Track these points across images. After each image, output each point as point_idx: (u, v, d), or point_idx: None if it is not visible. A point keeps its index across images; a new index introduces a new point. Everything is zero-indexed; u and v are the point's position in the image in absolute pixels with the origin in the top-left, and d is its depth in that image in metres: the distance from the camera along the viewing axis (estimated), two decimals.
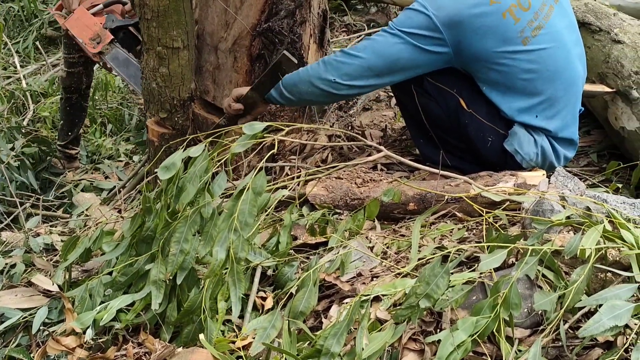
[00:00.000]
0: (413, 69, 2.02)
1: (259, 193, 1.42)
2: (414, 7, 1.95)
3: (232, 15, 2.36)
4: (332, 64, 2.03)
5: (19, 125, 4.09)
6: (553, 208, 1.51)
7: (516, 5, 1.90)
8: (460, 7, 1.89)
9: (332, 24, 5.52)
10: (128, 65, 3.07)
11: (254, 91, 2.17)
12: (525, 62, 1.96)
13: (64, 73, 3.64)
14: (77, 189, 3.52)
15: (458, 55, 1.95)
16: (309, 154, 2.55)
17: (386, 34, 1.98)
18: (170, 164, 1.57)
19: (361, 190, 2.02)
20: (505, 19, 1.90)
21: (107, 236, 1.81)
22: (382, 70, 2.00)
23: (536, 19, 1.94)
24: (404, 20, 1.96)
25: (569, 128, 2.13)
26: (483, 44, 1.92)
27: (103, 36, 3.05)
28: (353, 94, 2.20)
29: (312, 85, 2.06)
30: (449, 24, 1.89)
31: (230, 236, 1.42)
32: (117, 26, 3.08)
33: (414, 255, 1.61)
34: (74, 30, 3.16)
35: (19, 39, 5.62)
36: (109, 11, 3.18)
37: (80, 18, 3.13)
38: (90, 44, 3.08)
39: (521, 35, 1.93)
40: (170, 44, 2.36)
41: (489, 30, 1.90)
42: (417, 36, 1.93)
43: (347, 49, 2.04)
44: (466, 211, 1.88)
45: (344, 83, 2.02)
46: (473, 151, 2.14)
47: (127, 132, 4.48)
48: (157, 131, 2.58)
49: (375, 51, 1.98)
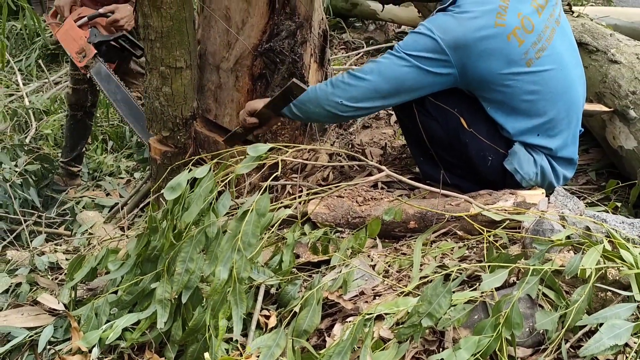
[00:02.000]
0: (418, 91, 2.04)
1: (262, 214, 1.45)
2: (419, 30, 1.98)
3: (234, 36, 2.39)
4: (339, 86, 2.06)
5: (22, 143, 4.12)
6: (553, 227, 1.53)
7: (520, 28, 1.93)
8: (465, 31, 1.91)
9: (331, 42, 5.56)
10: (109, 81, 3.10)
11: (267, 109, 2.21)
12: (529, 84, 1.99)
13: (69, 90, 3.68)
14: (78, 206, 3.54)
15: (463, 76, 1.98)
16: (310, 172, 2.57)
17: (392, 57, 2.00)
18: (176, 185, 1.59)
19: (362, 208, 2.04)
20: (509, 41, 1.92)
21: (111, 255, 1.83)
22: (388, 92, 2.03)
23: (539, 41, 1.97)
24: (410, 43, 1.99)
25: (569, 148, 2.16)
26: (488, 66, 1.94)
27: (87, 50, 3.08)
28: (359, 115, 2.24)
29: (320, 106, 2.10)
30: (455, 46, 1.92)
31: (233, 256, 1.44)
32: (99, 41, 3.12)
33: (416, 274, 1.63)
34: (64, 43, 3.21)
35: (22, 57, 5.67)
36: (94, 24, 3.21)
37: (69, 30, 3.17)
38: (77, 57, 3.12)
39: (525, 57, 1.96)
40: (173, 64, 2.39)
41: (493, 53, 1.93)
42: (423, 59, 1.95)
43: (353, 72, 2.07)
44: (467, 229, 1.90)
45: (351, 105, 2.06)
46: (473, 170, 2.16)
47: (128, 149, 4.51)
48: (159, 149, 2.61)
49: (382, 74, 2.01)
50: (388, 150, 2.80)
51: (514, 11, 1.94)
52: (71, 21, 3.18)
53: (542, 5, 2.02)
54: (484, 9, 1.92)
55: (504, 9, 1.92)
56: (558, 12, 2.10)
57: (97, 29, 3.17)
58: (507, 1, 1.94)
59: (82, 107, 3.72)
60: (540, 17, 1.99)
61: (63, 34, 3.19)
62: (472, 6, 1.93)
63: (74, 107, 3.73)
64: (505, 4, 1.93)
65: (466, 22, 1.92)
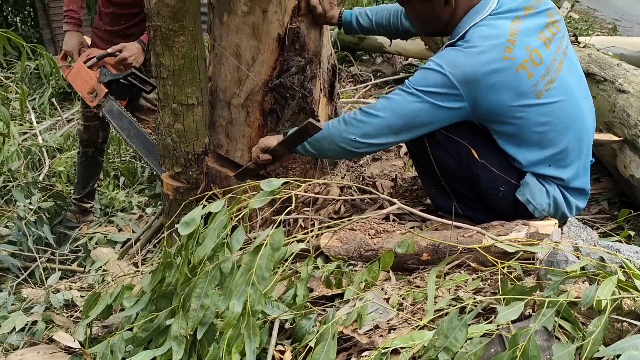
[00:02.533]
0: (431, 125, 2.06)
1: (276, 249, 1.46)
2: (429, 66, 2.00)
3: (245, 73, 2.43)
4: (352, 124, 2.09)
5: (36, 181, 4.17)
6: (567, 259, 1.53)
7: (528, 61, 1.95)
8: (474, 65, 1.93)
9: (339, 75, 5.62)
10: (121, 119, 3.16)
11: (281, 146, 2.24)
12: (540, 115, 2.00)
13: (81, 127, 3.73)
14: (91, 242, 3.56)
15: (475, 110, 1.99)
16: (321, 205, 2.59)
17: (404, 93, 2.02)
18: (190, 220, 1.60)
19: (375, 241, 2.05)
20: (519, 74, 1.94)
21: (126, 291, 1.84)
22: (401, 128, 2.05)
23: (548, 73, 1.99)
24: (421, 79, 2.00)
25: (581, 178, 2.16)
26: (499, 99, 1.96)
27: (98, 90, 3.15)
28: (372, 151, 2.25)
29: (334, 143, 2.13)
30: (465, 81, 1.93)
31: (247, 290, 1.45)
32: (109, 80, 3.18)
33: (430, 307, 1.63)
34: (75, 84, 3.28)
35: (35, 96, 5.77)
36: (103, 64, 3.28)
37: (79, 72, 3.24)
38: (88, 97, 3.19)
39: (535, 89, 1.97)
40: (185, 100, 2.43)
41: (503, 85, 1.94)
42: (435, 94, 1.97)
43: (365, 108, 2.09)
44: (480, 261, 1.90)
45: (364, 141, 2.08)
46: (485, 201, 2.17)
47: (140, 184, 4.55)
48: (171, 185, 2.63)
49: (394, 110, 2.03)
50: (399, 182, 2.81)
51: (522, 45, 1.96)
52: (81, 62, 3.26)
53: (550, 38, 2.04)
54: (492, 43, 1.95)
55: (512, 42, 1.94)
56: (565, 44, 2.11)
57: (106, 68, 3.24)
58: (515, 35, 1.96)
59: (93, 143, 3.77)
60: (548, 49, 2.01)
61: (74, 75, 3.26)
62: (480, 41, 1.96)
63: (85, 144, 3.78)
64: (513, 38, 1.95)
65: (475, 56, 1.94)
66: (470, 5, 2.05)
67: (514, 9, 2.03)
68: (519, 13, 2.03)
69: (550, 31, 2.06)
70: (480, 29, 1.99)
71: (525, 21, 2.01)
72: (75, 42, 3.45)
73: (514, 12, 2.02)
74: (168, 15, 2.26)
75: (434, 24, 2.17)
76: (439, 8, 2.07)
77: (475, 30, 2.00)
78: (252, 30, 2.35)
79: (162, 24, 2.28)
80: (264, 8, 2.29)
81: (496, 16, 2.01)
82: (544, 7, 2.08)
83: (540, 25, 2.04)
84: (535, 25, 2.02)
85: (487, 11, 2.02)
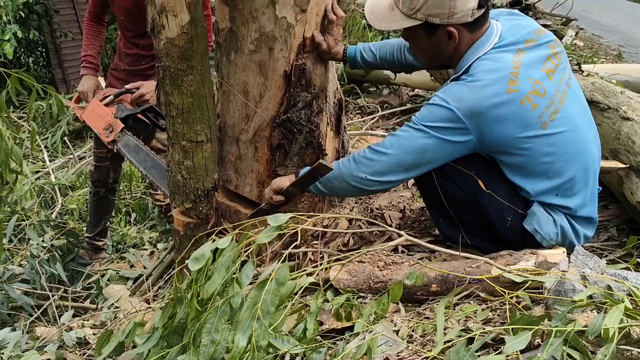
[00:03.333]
0: (440, 160, 2.08)
1: (282, 283, 1.48)
2: (435, 102, 2.02)
3: (252, 109, 2.47)
4: (362, 162, 2.12)
5: (48, 219, 4.22)
6: (575, 288, 1.53)
7: (532, 92, 1.97)
8: (479, 99, 1.95)
9: (347, 107, 5.69)
10: (138, 152, 3.20)
11: (293, 187, 2.29)
12: (546, 146, 2.02)
13: (92, 167, 3.79)
14: (103, 279, 3.58)
15: (482, 142, 2.01)
16: (330, 238, 2.60)
17: (411, 130, 2.05)
18: (199, 255, 1.63)
19: (383, 273, 2.06)
20: (523, 106, 1.96)
21: (138, 328, 1.85)
22: (410, 165, 2.08)
23: (552, 104, 2.01)
24: (427, 115, 2.03)
25: (588, 207, 2.17)
26: (504, 131, 1.98)
27: (115, 125, 3.20)
28: (384, 188, 2.28)
29: (345, 182, 2.17)
30: (471, 114, 1.96)
31: (253, 324, 1.46)
32: (126, 115, 3.24)
33: (440, 338, 1.63)
34: (90, 122, 3.34)
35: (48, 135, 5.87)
36: (119, 101, 3.35)
37: (95, 110, 3.31)
38: (104, 133, 3.24)
39: (540, 120, 1.99)
40: (194, 138, 2.47)
41: (509, 118, 1.96)
42: (442, 129, 2.00)
43: (374, 146, 2.12)
44: (489, 291, 1.90)
45: (376, 180, 2.11)
46: (493, 231, 2.18)
47: (151, 220, 4.58)
48: (182, 221, 2.66)
49: (402, 147, 2.06)
50: (407, 213, 2.82)
51: (526, 77, 1.98)
52: (96, 101, 3.33)
53: (552, 69, 2.06)
54: (496, 77, 1.97)
55: (515, 75, 1.97)
56: (568, 75, 2.14)
57: (122, 104, 3.31)
58: (518, 68, 1.98)
59: (104, 183, 3.82)
60: (551, 81, 2.03)
61: (89, 113, 3.33)
62: (484, 74, 1.98)
63: (97, 184, 3.84)
64: (517, 71, 1.97)
65: (479, 90, 1.96)
66: (473, 39, 2.08)
67: (516, 42, 2.06)
68: (520, 46, 2.06)
69: (553, 63, 2.09)
70: (483, 63, 2.02)
71: (528, 53, 2.04)
72: (92, 84, 3.56)
73: (516, 44, 2.06)
74: (177, 56, 2.32)
75: (438, 58, 2.20)
76: (443, 43, 2.10)
77: (479, 64, 2.02)
78: (259, 68, 2.39)
79: (170, 64, 2.34)
80: (270, 46, 2.34)
81: (499, 49, 2.04)
82: (545, 39, 2.11)
83: (543, 57, 2.07)
84: (537, 58, 2.05)
85: (490, 45, 2.06)
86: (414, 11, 2.03)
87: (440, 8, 1.99)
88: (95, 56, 3.68)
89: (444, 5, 1.98)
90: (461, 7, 1.98)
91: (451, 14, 2.00)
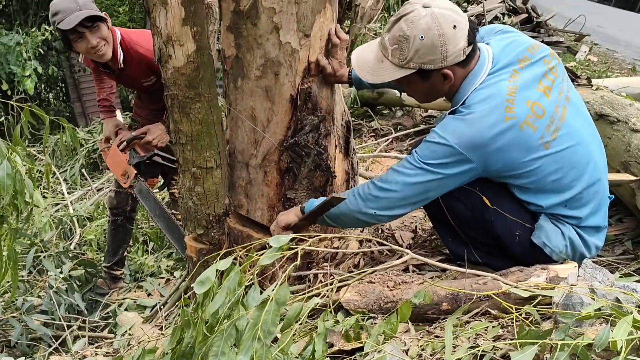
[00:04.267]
0: (445, 190, 2.09)
1: (282, 303, 1.48)
2: (434, 139, 2.01)
3: (260, 134, 2.49)
4: (369, 199, 2.15)
5: (67, 250, 4.27)
6: (582, 301, 1.52)
7: (531, 115, 1.95)
8: (478, 131, 1.94)
9: (360, 130, 5.70)
10: (148, 198, 3.34)
11: (303, 221, 2.33)
12: (552, 164, 2.01)
13: (112, 193, 3.85)
14: (121, 309, 3.61)
15: (486, 170, 2.01)
16: (341, 259, 2.60)
17: (413, 167, 2.05)
18: (205, 279, 1.64)
19: (394, 293, 2.05)
20: (524, 131, 1.94)
21: (149, 354, 1.86)
22: (416, 200, 2.11)
23: (552, 123, 1.99)
24: (429, 153, 2.02)
25: (596, 215, 2.14)
26: (508, 157, 1.97)
27: (129, 172, 3.33)
28: (395, 218, 2.31)
29: (355, 218, 2.22)
30: (472, 147, 1.95)
31: (254, 344, 1.47)
32: (137, 162, 3.36)
33: (448, 357, 1.62)
34: (111, 167, 3.50)
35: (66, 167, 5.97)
36: (133, 145, 3.44)
37: (114, 156, 3.45)
38: (122, 179, 3.38)
39: (542, 141, 1.97)
40: (204, 164, 2.50)
41: (510, 145, 1.95)
42: (443, 165, 2.00)
43: (378, 183, 2.14)
44: (500, 308, 1.89)
45: (385, 214, 2.16)
46: (502, 246, 2.17)
47: (168, 248, 4.62)
48: (195, 247, 2.68)
49: (406, 183, 2.07)
50: (419, 232, 2.82)
51: (522, 100, 1.96)
52: (115, 147, 3.46)
53: (549, 86, 2.04)
54: (492, 106, 1.95)
55: (511, 102, 1.95)
56: (567, 87, 2.11)
57: (135, 150, 3.41)
58: (514, 93, 1.96)
59: (122, 211, 3.88)
60: (549, 98, 2.01)
61: (110, 158, 3.49)
62: (479, 106, 1.97)
63: (115, 212, 3.89)
64: (512, 97, 1.96)
65: (476, 122, 1.95)
66: (466, 72, 2.06)
67: (510, 64, 2.04)
68: (515, 67, 2.03)
69: (549, 79, 2.06)
70: (479, 94, 2.00)
71: (523, 73, 2.02)
72: (111, 126, 3.68)
73: (510, 66, 2.03)
74: (184, 84, 2.36)
75: (435, 96, 2.19)
76: (439, 84, 2.08)
77: (475, 95, 2.01)
78: (266, 93, 2.42)
79: (178, 92, 2.38)
80: (276, 71, 2.37)
81: (494, 75, 2.02)
82: (539, 55, 2.08)
83: (538, 75, 2.04)
84: (532, 77, 2.03)
85: (484, 73, 2.04)
86: (405, 61, 2.01)
87: (433, 55, 1.97)
88: (107, 99, 3.80)
89: (436, 51, 1.96)
90: (452, 49, 1.97)
91: (444, 58, 1.98)
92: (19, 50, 8.84)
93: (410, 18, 1.96)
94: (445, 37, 1.94)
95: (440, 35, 1.94)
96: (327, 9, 2.36)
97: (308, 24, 2.31)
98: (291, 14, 2.26)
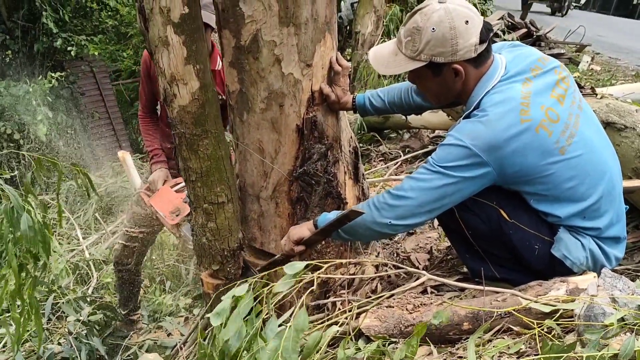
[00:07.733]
0: (461, 196, 2.07)
1: (300, 330, 1.47)
2: (450, 142, 2.02)
3: (269, 165, 2.50)
4: (384, 208, 2.12)
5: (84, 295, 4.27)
6: (604, 311, 1.50)
7: (546, 120, 1.96)
8: (494, 133, 1.94)
9: (369, 155, 5.71)
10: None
11: (318, 235, 2.30)
12: (567, 170, 2.00)
13: (119, 246, 3.85)
14: (142, 350, 3.59)
15: (502, 174, 2.00)
16: (358, 286, 2.59)
17: (428, 172, 2.04)
18: (221, 310, 1.63)
19: (413, 316, 2.03)
20: (539, 134, 1.95)
21: None
22: (432, 206, 2.07)
23: (567, 129, 2.00)
24: (444, 156, 2.02)
25: (615, 226, 2.13)
26: (524, 160, 1.97)
27: (182, 209, 3.32)
28: (409, 229, 2.28)
29: (370, 229, 2.18)
30: (488, 149, 1.95)
31: None
32: None
33: None
34: (157, 206, 3.48)
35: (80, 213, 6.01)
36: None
37: (164, 194, 3.46)
38: (170, 216, 3.36)
39: (557, 145, 1.98)
40: (215, 200, 2.51)
41: (526, 147, 1.95)
42: (460, 167, 1.99)
43: (393, 191, 2.12)
44: (522, 324, 1.86)
45: (400, 223, 2.11)
46: (520, 260, 2.14)
47: (186, 286, 4.61)
48: (211, 283, 2.67)
49: (422, 190, 2.05)
50: (434, 253, 2.80)
51: (537, 105, 1.98)
52: (167, 187, 3.49)
53: (562, 94, 2.06)
54: (507, 108, 1.97)
55: (526, 105, 1.96)
56: (578, 97, 2.13)
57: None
58: (528, 97, 1.98)
59: (125, 265, 3.87)
60: (562, 106, 2.03)
61: (157, 197, 3.50)
62: (494, 108, 1.98)
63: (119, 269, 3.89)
64: (527, 100, 1.97)
65: (493, 124, 1.96)
66: (479, 74, 2.09)
67: (522, 72, 2.07)
68: (527, 75, 2.06)
69: (562, 87, 2.08)
70: (493, 97, 2.02)
71: (535, 82, 2.04)
72: (162, 174, 3.69)
73: (523, 74, 2.06)
74: (190, 122, 2.38)
75: (447, 96, 2.21)
76: (450, 81, 2.11)
77: (489, 99, 2.03)
78: (272, 125, 2.44)
79: (185, 130, 2.39)
80: (281, 103, 2.39)
81: (506, 81, 2.05)
82: (550, 66, 2.11)
83: (551, 83, 2.06)
84: (545, 85, 2.05)
85: (497, 78, 2.06)
86: (417, 53, 2.05)
87: (443, 47, 2.01)
88: (160, 148, 3.77)
89: (446, 43, 2.00)
90: (463, 43, 2.00)
91: (454, 51, 2.02)
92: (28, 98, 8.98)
93: (425, 11, 2.02)
94: (456, 31, 1.98)
95: (452, 28, 1.98)
96: (327, 37, 2.38)
97: (309, 54, 2.33)
98: (292, 46, 2.29)
